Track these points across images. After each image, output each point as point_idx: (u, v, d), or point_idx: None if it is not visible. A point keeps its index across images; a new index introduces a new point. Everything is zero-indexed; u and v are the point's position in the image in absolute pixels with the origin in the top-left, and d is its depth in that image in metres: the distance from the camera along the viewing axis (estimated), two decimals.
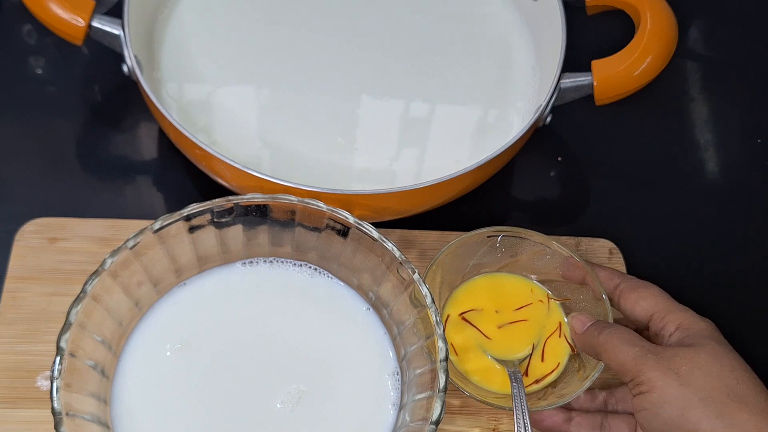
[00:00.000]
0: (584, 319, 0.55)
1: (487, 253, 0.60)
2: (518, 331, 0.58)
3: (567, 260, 0.58)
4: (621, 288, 0.56)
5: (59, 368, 0.47)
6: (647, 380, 0.48)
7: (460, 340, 0.58)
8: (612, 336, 0.51)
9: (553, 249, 0.59)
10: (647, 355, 0.49)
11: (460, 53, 0.69)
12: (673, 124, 0.76)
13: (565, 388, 0.56)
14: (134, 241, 0.52)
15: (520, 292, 0.60)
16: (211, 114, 0.65)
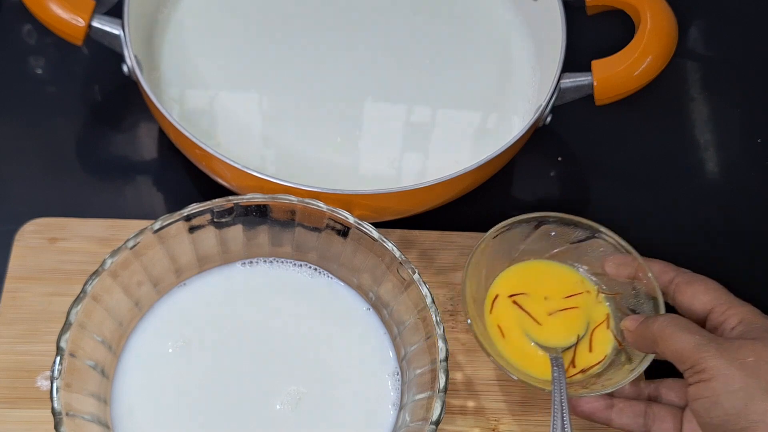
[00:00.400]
0: (636, 317, 0.54)
1: (537, 240, 0.60)
2: (567, 320, 0.58)
3: (618, 253, 0.58)
4: (676, 282, 0.55)
5: (59, 368, 0.47)
6: (709, 368, 0.47)
7: (505, 322, 0.58)
8: (669, 323, 0.50)
9: (604, 240, 0.58)
10: (709, 344, 0.48)
11: (460, 54, 0.69)
12: (673, 124, 0.76)
13: (610, 379, 0.55)
14: (134, 241, 0.52)
15: (570, 282, 0.60)
16: (210, 114, 0.65)
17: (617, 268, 0.58)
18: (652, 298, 0.56)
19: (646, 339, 0.52)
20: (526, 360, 0.56)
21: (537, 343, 0.57)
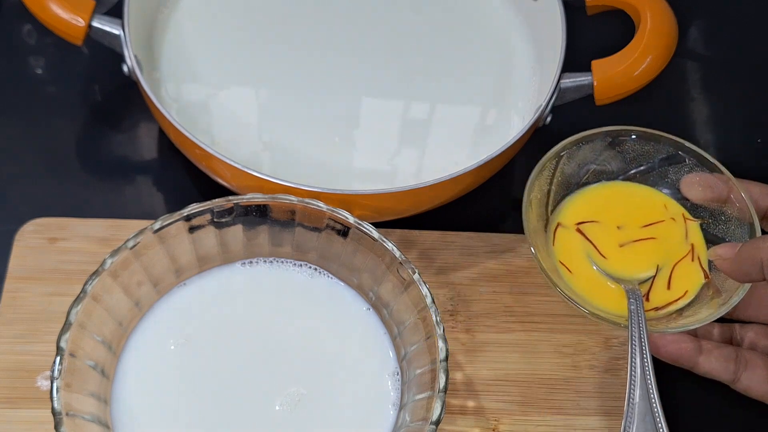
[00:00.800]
0: (731, 244, 0.47)
1: (612, 158, 0.54)
2: (643, 251, 0.51)
3: (707, 172, 0.50)
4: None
5: (59, 368, 0.48)
6: None
7: (571, 256, 0.51)
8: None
9: (690, 157, 0.51)
10: None
11: (459, 53, 0.69)
12: (673, 124, 0.76)
13: (694, 315, 0.48)
14: (134, 241, 0.52)
15: (651, 207, 0.52)
16: (210, 114, 0.65)
17: (701, 189, 0.50)
18: (747, 224, 0.49)
19: (755, 265, 0.44)
20: (599, 295, 0.50)
21: (609, 274, 0.50)
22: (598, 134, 0.52)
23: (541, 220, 0.52)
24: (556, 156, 0.51)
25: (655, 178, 0.52)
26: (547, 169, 0.51)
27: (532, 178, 0.50)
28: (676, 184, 0.52)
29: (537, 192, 0.51)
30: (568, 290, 0.49)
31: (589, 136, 0.52)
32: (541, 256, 0.50)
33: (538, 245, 0.50)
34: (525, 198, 0.50)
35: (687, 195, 0.51)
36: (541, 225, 0.52)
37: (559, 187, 0.53)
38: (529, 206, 0.50)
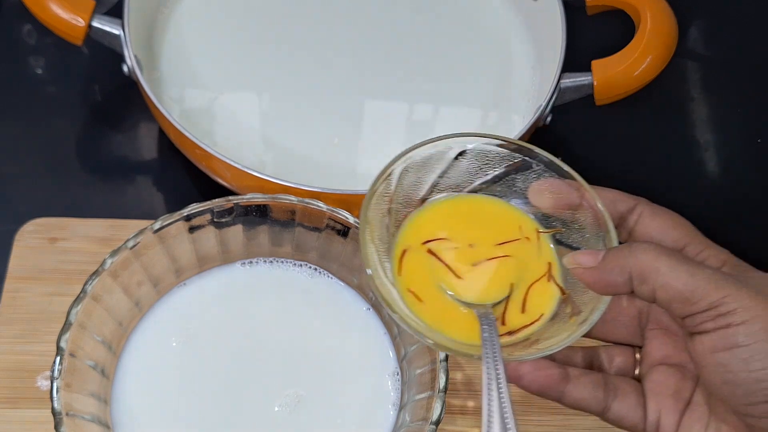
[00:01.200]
0: (591, 251, 0.41)
1: (455, 168, 0.46)
2: (496, 270, 0.45)
3: (556, 177, 0.45)
4: (639, 211, 0.43)
5: (59, 368, 0.47)
6: (743, 308, 0.36)
7: (420, 282, 0.44)
8: (660, 253, 0.38)
9: (539, 164, 0.46)
10: (729, 279, 0.37)
11: (459, 53, 0.69)
12: (673, 124, 0.76)
13: (552, 337, 0.42)
14: (134, 241, 0.52)
15: (504, 222, 0.46)
16: (210, 114, 0.65)
17: (551, 196, 0.44)
18: (602, 233, 0.43)
19: (622, 275, 0.38)
20: (454, 324, 0.43)
21: (461, 300, 0.44)
22: (437, 143, 0.45)
23: (383, 244, 0.45)
24: (392, 174, 0.44)
25: (503, 188, 0.46)
26: (382, 185, 0.44)
27: (368, 198, 0.43)
28: (525, 193, 0.46)
29: (376, 214, 0.44)
30: (411, 320, 0.42)
31: (426, 145, 0.45)
32: (380, 285, 0.42)
33: (379, 273, 0.43)
34: (361, 219, 0.43)
35: (536, 203, 0.45)
36: (384, 250, 0.45)
37: (400, 206, 0.46)
38: (366, 228, 0.43)
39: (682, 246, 0.42)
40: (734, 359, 0.36)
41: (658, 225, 0.42)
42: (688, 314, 0.37)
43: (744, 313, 0.36)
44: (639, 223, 0.43)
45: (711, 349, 0.37)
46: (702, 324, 0.37)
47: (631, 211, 0.43)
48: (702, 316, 0.37)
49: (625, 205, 0.43)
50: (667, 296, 0.37)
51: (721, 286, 0.36)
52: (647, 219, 0.43)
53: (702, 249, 0.42)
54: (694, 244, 0.42)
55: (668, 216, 0.43)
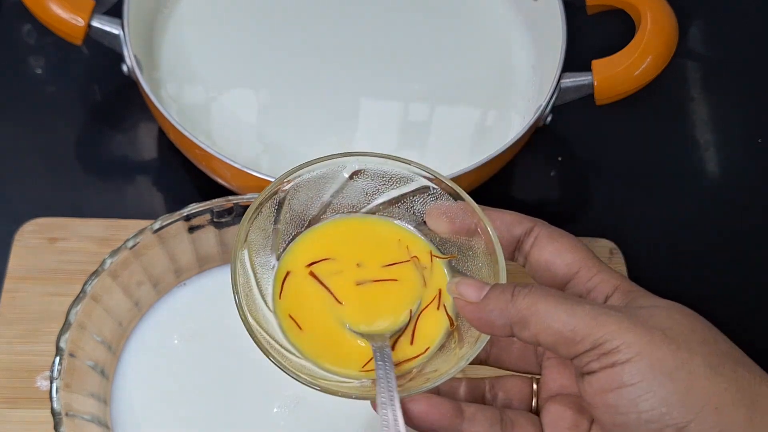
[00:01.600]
0: (477, 283, 0.38)
1: (350, 188, 0.44)
2: (385, 295, 0.42)
3: (452, 201, 0.42)
4: (536, 234, 0.41)
5: (59, 368, 0.47)
6: (626, 344, 0.34)
7: (299, 308, 0.41)
8: (539, 296, 0.36)
9: (432, 186, 0.43)
10: (609, 312, 0.35)
11: (459, 53, 0.69)
12: (673, 124, 0.76)
13: (436, 370, 0.40)
14: (134, 241, 0.52)
15: (393, 245, 0.43)
16: (210, 113, 0.65)
17: (447, 220, 0.42)
18: (492, 264, 0.40)
19: (502, 319, 0.37)
20: (339, 355, 0.40)
21: (353, 329, 0.41)
22: (331, 164, 0.42)
23: (265, 269, 0.42)
24: (277, 190, 0.41)
25: (401, 211, 0.44)
26: (267, 205, 0.41)
27: (249, 217, 0.40)
28: (423, 216, 0.44)
29: (258, 234, 0.41)
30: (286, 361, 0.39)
31: (321, 165, 0.42)
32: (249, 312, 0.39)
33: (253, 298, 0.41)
34: (238, 239, 0.40)
35: (433, 228, 0.43)
36: (266, 274, 0.42)
37: (288, 226, 0.43)
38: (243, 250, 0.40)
39: (576, 270, 0.40)
40: (622, 400, 0.34)
41: (553, 249, 0.41)
42: (574, 355, 0.35)
43: (628, 350, 0.34)
44: (535, 246, 0.41)
45: (599, 390, 0.35)
46: (588, 364, 0.35)
47: (528, 234, 0.42)
48: (587, 356, 0.35)
49: (522, 228, 0.42)
50: (549, 339, 0.36)
51: (602, 323, 0.35)
52: (543, 242, 0.41)
53: (594, 273, 0.40)
54: (588, 268, 0.40)
55: (564, 239, 0.41)
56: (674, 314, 0.36)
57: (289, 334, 0.41)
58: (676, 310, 0.36)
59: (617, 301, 0.39)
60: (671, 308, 0.36)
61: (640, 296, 0.38)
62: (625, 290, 0.39)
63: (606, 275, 0.40)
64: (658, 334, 0.34)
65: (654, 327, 0.35)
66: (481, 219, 0.40)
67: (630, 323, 0.35)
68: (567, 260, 0.40)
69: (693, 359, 0.34)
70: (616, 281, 0.39)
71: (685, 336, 0.35)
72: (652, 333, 0.34)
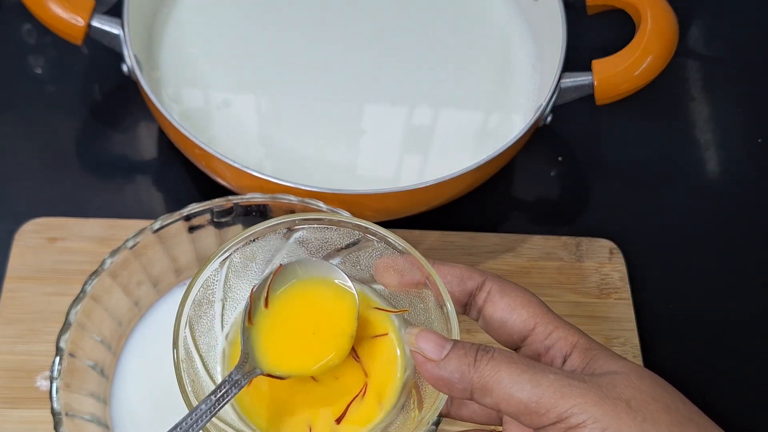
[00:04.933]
0: (437, 339, 0.36)
1: (294, 251, 0.43)
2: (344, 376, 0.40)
3: (399, 254, 0.41)
4: (488, 289, 0.40)
5: (59, 368, 0.47)
6: (592, 419, 0.34)
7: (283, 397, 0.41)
8: (502, 363, 0.35)
9: (375, 240, 0.42)
10: (574, 384, 0.34)
11: (460, 54, 0.69)
12: (673, 124, 0.76)
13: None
14: (134, 241, 0.52)
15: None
16: (210, 113, 0.65)
17: (391, 273, 0.41)
18: (444, 313, 0.39)
19: (463, 383, 0.35)
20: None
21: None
22: (269, 229, 0.41)
23: (211, 347, 0.41)
24: (220, 263, 0.40)
25: (347, 266, 0.43)
26: (210, 281, 0.40)
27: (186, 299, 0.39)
28: (370, 271, 0.43)
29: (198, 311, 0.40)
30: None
31: (258, 232, 0.41)
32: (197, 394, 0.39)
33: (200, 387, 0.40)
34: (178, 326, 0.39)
35: (381, 282, 0.42)
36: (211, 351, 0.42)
37: (232, 301, 0.42)
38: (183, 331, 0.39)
39: (532, 326, 0.39)
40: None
41: (506, 304, 0.39)
42: (538, 426, 0.35)
43: (594, 425, 0.34)
44: (488, 301, 0.40)
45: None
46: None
47: (480, 288, 0.40)
48: (553, 429, 0.34)
49: (474, 282, 0.40)
50: (512, 409, 0.35)
51: (567, 395, 0.34)
52: (496, 297, 0.40)
53: (552, 330, 0.39)
54: (543, 324, 0.39)
55: (516, 294, 0.40)
56: (634, 380, 0.36)
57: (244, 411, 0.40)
58: (637, 376, 0.36)
59: (577, 360, 0.38)
60: (631, 374, 0.36)
61: (599, 356, 0.38)
62: (583, 348, 0.38)
63: (563, 332, 0.39)
64: (623, 406, 0.34)
65: (618, 398, 0.34)
66: (428, 272, 0.39)
67: (595, 396, 0.34)
68: (522, 316, 0.39)
69: (658, 431, 0.34)
70: (574, 338, 0.38)
71: (648, 405, 0.35)
72: (617, 406, 0.34)
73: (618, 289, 0.64)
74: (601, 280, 0.64)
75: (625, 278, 0.65)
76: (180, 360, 0.38)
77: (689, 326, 0.65)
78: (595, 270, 0.65)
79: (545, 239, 0.66)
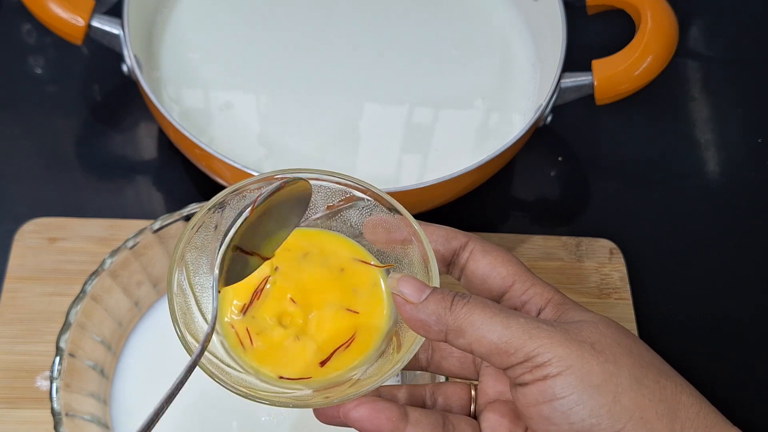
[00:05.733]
0: (418, 284, 0.38)
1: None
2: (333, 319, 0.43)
3: (388, 213, 0.43)
4: (471, 248, 0.42)
5: (59, 368, 0.47)
6: (556, 359, 0.35)
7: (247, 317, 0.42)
8: (476, 307, 0.37)
9: (368, 197, 0.43)
10: (542, 326, 0.36)
11: (460, 53, 0.69)
12: (673, 124, 0.76)
13: (375, 374, 0.40)
14: (134, 241, 0.52)
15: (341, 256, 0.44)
16: (210, 113, 0.65)
17: (380, 231, 0.43)
18: (427, 267, 0.41)
19: (438, 325, 0.37)
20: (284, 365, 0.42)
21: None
22: (269, 179, 0.42)
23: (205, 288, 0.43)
24: (215, 206, 0.41)
25: (339, 223, 0.45)
26: (205, 226, 0.41)
27: (184, 237, 0.40)
28: (360, 228, 0.44)
29: (195, 254, 0.41)
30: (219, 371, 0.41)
31: (252, 183, 0.42)
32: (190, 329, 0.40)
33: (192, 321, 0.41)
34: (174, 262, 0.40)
35: (370, 239, 0.44)
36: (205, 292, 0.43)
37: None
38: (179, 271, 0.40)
39: (510, 283, 0.41)
40: (555, 412, 0.35)
41: (488, 262, 0.41)
42: (507, 366, 0.36)
43: (559, 363, 0.35)
44: (470, 260, 0.42)
45: (533, 402, 0.36)
46: (521, 376, 0.36)
47: (463, 248, 0.42)
48: (520, 368, 0.36)
49: (457, 242, 0.42)
50: (483, 349, 0.36)
51: (535, 336, 0.36)
52: (478, 256, 0.42)
53: (528, 287, 0.41)
54: (521, 281, 0.41)
55: (497, 253, 0.42)
56: (601, 327, 0.37)
57: (233, 348, 0.42)
58: (604, 324, 0.38)
59: (550, 313, 0.40)
60: (599, 322, 0.38)
61: (570, 309, 0.39)
62: (556, 303, 0.40)
63: (539, 288, 0.41)
64: (587, 347, 0.36)
65: (583, 341, 0.36)
66: (416, 230, 0.41)
67: (561, 337, 0.36)
68: (502, 273, 0.41)
69: (620, 371, 0.36)
70: (549, 294, 0.40)
71: (611, 348, 0.36)
72: (582, 347, 0.36)
73: (618, 289, 0.64)
74: (601, 280, 0.64)
75: (625, 278, 0.65)
76: (174, 295, 0.39)
77: (689, 326, 0.65)
78: (595, 270, 0.65)
79: (545, 239, 0.66)
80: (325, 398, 0.39)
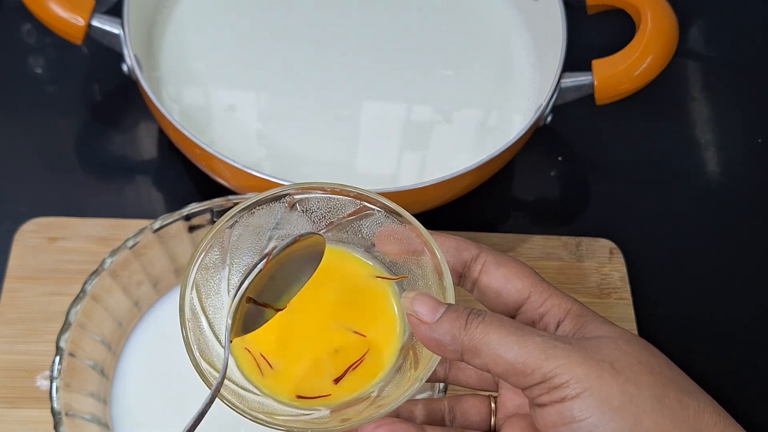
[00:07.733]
0: (432, 302, 0.37)
1: (296, 219, 0.44)
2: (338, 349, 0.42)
3: (398, 224, 0.42)
4: (483, 260, 0.41)
5: (59, 368, 0.47)
6: (575, 379, 0.34)
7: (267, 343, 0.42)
8: (492, 326, 0.36)
9: (376, 210, 0.42)
10: (559, 345, 0.35)
11: (460, 53, 0.69)
12: (673, 124, 0.76)
13: (390, 396, 0.39)
14: (134, 240, 0.52)
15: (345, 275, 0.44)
16: (210, 113, 0.65)
17: (391, 242, 0.42)
18: (440, 279, 0.40)
19: (454, 344, 0.36)
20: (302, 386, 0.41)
21: None
22: (273, 197, 0.42)
23: (218, 310, 0.42)
24: (222, 229, 0.41)
25: (350, 235, 0.44)
26: (215, 246, 0.41)
27: (195, 260, 0.40)
28: (371, 240, 0.44)
29: (205, 275, 0.41)
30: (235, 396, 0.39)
31: (262, 199, 0.41)
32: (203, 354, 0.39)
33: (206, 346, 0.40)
34: (185, 286, 0.39)
35: (383, 250, 0.43)
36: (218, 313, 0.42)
37: (237, 266, 0.43)
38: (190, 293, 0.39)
39: (527, 295, 0.40)
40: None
41: (501, 275, 0.40)
42: (524, 386, 0.35)
43: (577, 385, 0.34)
44: (483, 272, 0.41)
45: (551, 424, 0.35)
46: (539, 397, 0.35)
47: (475, 260, 0.41)
48: (537, 388, 0.35)
49: (469, 253, 0.41)
50: (500, 369, 0.35)
51: (551, 356, 0.34)
52: (491, 268, 0.41)
53: (546, 298, 0.40)
54: (538, 293, 0.40)
55: (512, 265, 0.41)
56: (621, 344, 0.36)
57: (247, 372, 0.41)
58: (624, 340, 0.36)
59: (569, 326, 0.38)
60: (619, 338, 0.36)
61: (590, 321, 0.38)
62: (576, 314, 0.39)
63: (557, 299, 0.39)
64: (607, 367, 0.35)
65: (602, 360, 0.35)
66: (427, 240, 0.40)
67: (580, 357, 0.35)
68: (517, 286, 0.40)
69: (640, 392, 0.34)
70: (567, 305, 0.39)
71: (632, 367, 0.35)
72: (601, 367, 0.35)
73: (618, 289, 0.64)
74: (601, 280, 0.65)
75: (625, 278, 0.65)
76: (186, 320, 0.39)
77: (689, 326, 0.65)
78: (595, 270, 0.65)
79: (545, 239, 0.66)
80: (343, 421, 0.38)
